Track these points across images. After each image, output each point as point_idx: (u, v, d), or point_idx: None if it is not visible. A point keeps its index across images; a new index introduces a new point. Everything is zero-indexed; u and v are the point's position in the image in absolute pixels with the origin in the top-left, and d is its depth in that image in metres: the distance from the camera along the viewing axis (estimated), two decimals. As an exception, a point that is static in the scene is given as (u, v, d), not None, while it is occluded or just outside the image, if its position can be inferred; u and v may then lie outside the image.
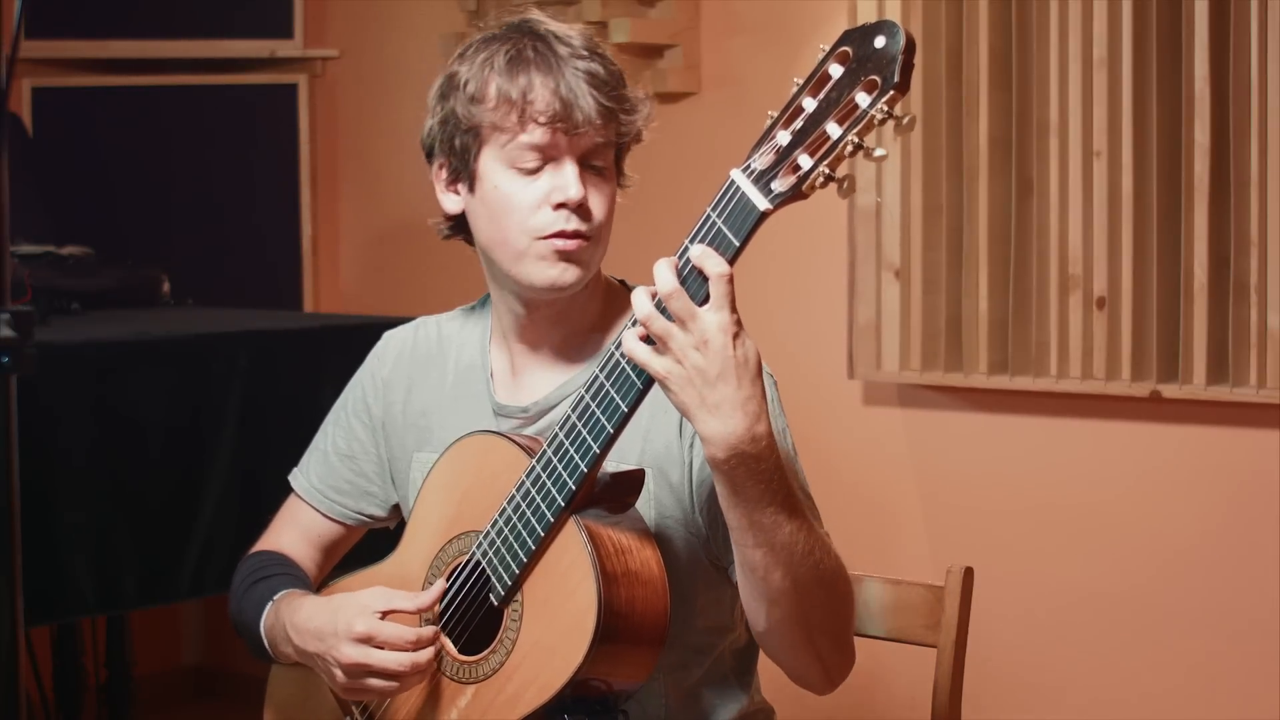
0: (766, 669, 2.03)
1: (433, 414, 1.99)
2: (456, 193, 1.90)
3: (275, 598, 1.94)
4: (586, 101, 1.81)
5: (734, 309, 1.59)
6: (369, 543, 2.13)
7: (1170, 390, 3.08)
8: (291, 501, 2.12)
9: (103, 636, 3.50)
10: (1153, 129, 3.07)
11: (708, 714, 1.92)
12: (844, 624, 1.78)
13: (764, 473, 1.63)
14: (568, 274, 1.84)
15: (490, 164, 1.84)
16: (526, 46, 1.83)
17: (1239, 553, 3.09)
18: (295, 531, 2.09)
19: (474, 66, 1.85)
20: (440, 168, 1.91)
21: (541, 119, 1.80)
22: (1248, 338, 2.99)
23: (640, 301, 1.61)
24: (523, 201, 1.83)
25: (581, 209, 1.82)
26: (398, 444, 2.03)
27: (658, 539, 1.84)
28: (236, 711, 4.21)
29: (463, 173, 1.87)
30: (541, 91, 1.81)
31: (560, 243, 1.82)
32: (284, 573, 2.00)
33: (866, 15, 3.23)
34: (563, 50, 1.83)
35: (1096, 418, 3.23)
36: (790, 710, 2.07)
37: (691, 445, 1.84)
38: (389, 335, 2.09)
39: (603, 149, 1.85)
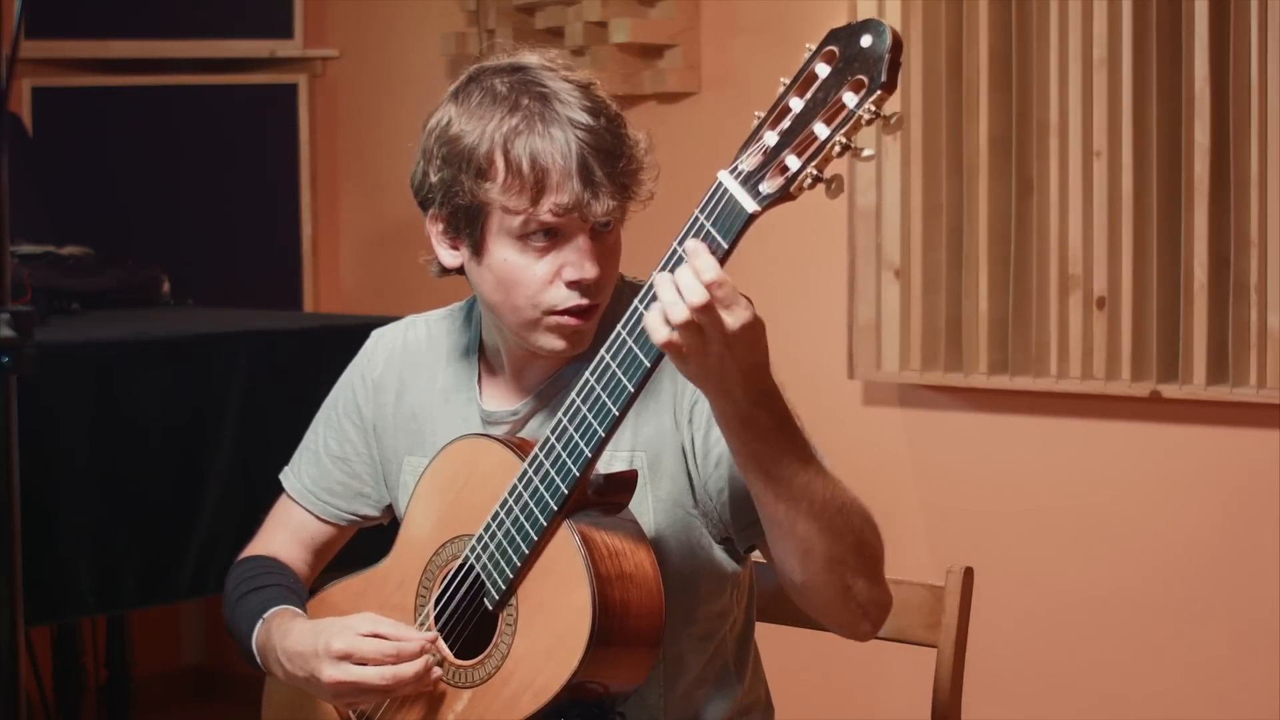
0: (767, 666, 2.03)
1: (423, 417, 1.98)
2: (456, 250, 1.85)
3: (266, 615, 1.93)
4: (603, 188, 1.75)
5: (736, 300, 1.57)
6: (362, 545, 2.13)
7: (1170, 390, 3.08)
8: (283, 502, 2.10)
9: (103, 636, 3.50)
10: (1153, 129, 3.07)
11: (705, 705, 1.92)
12: (874, 561, 1.78)
13: (773, 427, 1.64)
14: (576, 344, 1.83)
15: (498, 236, 1.79)
16: (535, 117, 1.76)
17: (1239, 553, 3.09)
18: (286, 534, 2.08)
19: (477, 131, 1.77)
20: (436, 219, 1.85)
21: (558, 211, 1.75)
22: (1248, 338, 2.99)
23: (670, 300, 1.57)
24: (533, 276, 1.78)
25: (594, 284, 1.80)
26: (389, 446, 2.02)
27: (657, 526, 1.84)
28: (236, 711, 4.21)
29: (465, 237, 1.82)
30: (556, 178, 1.74)
31: (570, 319, 1.80)
32: (276, 582, 1.99)
33: (867, 15, 3.23)
34: (571, 116, 1.75)
35: (1096, 418, 3.23)
36: (790, 708, 2.07)
37: (690, 421, 1.84)
38: (378, 334, 2.07)
39: (615, 214, 1.79)
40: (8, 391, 1.72)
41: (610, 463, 1.82)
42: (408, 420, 2.00)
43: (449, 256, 1.86)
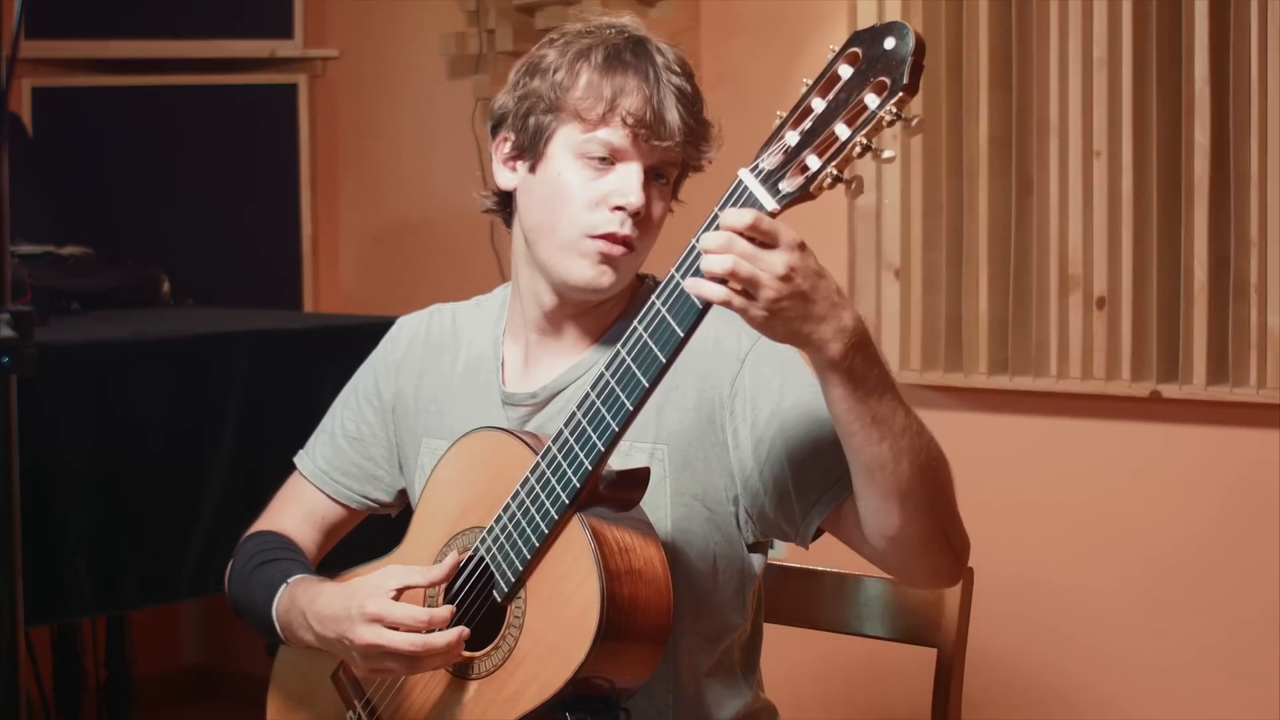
0: (767, 667, 2.03)
1: (443, 400, 2.00)
2: (514, 170, 1.91)
3: (289, 581, 1.94)
4: (673, 115, 1.83)
5: (778, 235, 1.58)
6: (375, 535, 2.13)
7: (1170, 390, 3.08)
8: (295, 481, 2.12)
9: (103, 636, 3.50)
10: (1153, 129, 3.07)
11: (714, 707, 1.92)
12: (954, 497, 1.80)
13: (874, 355, 1.65)
14: (604, 278, 1.85)
15: (560, 150, 1.85)
16: (625, 49, 1.85)
17: (1238, 552, 3.09)
18: (298, 512, 2.09)
19: (568, 55, 1.86)
20: (504, 140, 1.91)
21: (630, 120, 1.82)
22: (1248, 338, 2.99)
23: (718, 259, 1.56)
24: (583, 195, 1.84)
25: (637, 216, 1.83)
26: (407, 428, 2.04)
27: (674, 521, 1.85)
28: (236, 711, 4.22)
29: (528, 151, 1.88)
30: (635, 96, 1.82)
31: (607, 246, 1.83)
32: (289, 556, 2.01)
33: (866, 15, 3.23)
34: (659, 60, 1.85)
35: (1096, 418, 3.23)
36: (790, 710, 2.07)
37: (732, 413, 1.84)
38: (403, 320, 2.11)
39: (672, 165, 1.87)
40: (8, 391, 1.72)
41: (630, 454, 1.83)
42: (428, 402, 2.02)
43: (506, 178, 1.92)
